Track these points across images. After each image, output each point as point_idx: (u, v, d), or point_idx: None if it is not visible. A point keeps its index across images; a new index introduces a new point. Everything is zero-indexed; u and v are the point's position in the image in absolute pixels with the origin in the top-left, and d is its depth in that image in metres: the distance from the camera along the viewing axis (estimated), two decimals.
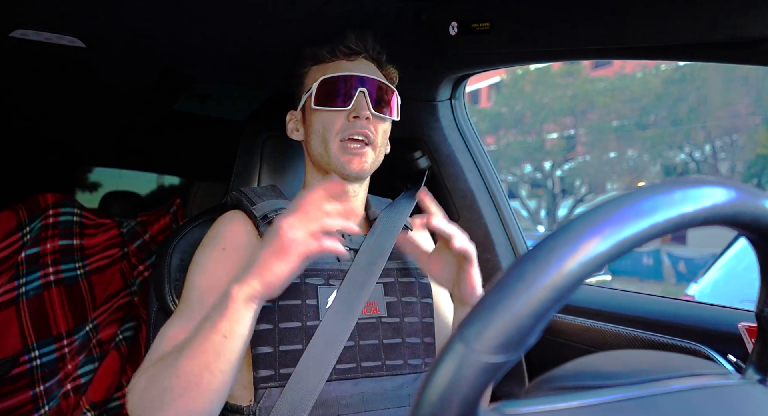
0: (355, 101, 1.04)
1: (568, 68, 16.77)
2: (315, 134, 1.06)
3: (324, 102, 1.05)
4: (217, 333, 0.80)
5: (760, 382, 0.52)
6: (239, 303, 0.81)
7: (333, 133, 1.04)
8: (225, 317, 0.81)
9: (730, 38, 0.81)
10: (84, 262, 1.79)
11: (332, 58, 1.08)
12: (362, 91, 1.04)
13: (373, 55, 1.10)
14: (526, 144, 18.05)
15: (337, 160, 1.03)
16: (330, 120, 1.04)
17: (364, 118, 1.03)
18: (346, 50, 1.07)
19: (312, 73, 1.10)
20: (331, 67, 1.07)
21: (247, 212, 1.04)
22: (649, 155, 16.06)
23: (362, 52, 1.08)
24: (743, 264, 3.14)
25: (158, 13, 1.20)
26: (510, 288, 0.37)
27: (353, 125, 1.03)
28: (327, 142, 1.04)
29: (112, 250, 1.84)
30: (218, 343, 0.80)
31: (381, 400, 0.98)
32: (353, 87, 1.04)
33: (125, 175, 3.25)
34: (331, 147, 1.04)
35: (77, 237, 1.78)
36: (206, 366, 0.80)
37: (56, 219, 1.76)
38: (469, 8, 1.16)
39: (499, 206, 1.38)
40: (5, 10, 1.20)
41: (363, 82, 1.05)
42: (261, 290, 0.81)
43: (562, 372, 0.47)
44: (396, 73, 1.14)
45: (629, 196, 0.40)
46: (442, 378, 0.36)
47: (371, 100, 1.05)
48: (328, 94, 1.05)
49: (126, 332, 1.78)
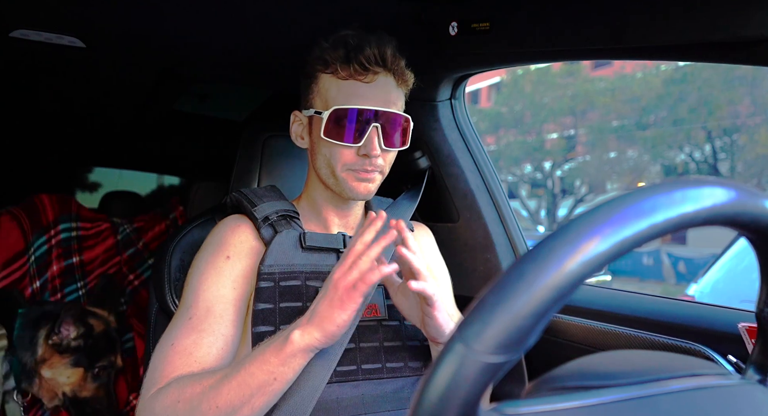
0: (366, 139, 0.97)
1: (568, 68, 16.76)
2: (322, 158, 1.01)
3: (334, 135, 0.97)
4: (269, 375, 0.82)
5: (760, 382, 0.52)
6: (298, 350, 0.82)
7: (340, 165, 0.99)
8: (281, 361, 0.82)
9: (730, 38, 0.81)
10: (85, 280, 1.80)
11: (345, 75, 0.98)
12: (375, 126, 0.97)
13: (392, 68, 0.99)
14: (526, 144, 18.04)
15: (345, 185, 1.00)
16: (338, 152, 0.98)
17: (374, 157, 0.98)
18: (361, 69, 0.97)
19: (322, 83, 1.00)
20: (345, 89, 0.98)
21: (247, 214, 1.04)
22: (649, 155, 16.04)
23: (380, 68, 0.98)
24: (743, 264, 3.14)
25: (158, 13, 1.20)
26: (510, 288, 0.37)
27: (362, 161, 0.98)
28: (334, 169, 1.00)
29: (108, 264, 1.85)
30: (266, 383, 0.82)
31: (381, 402, 0.97)
32: (365, 122, 0.97)
33: (125, 175, 3.25)
34: (338, 174, 0.99)
35: (77, 254, 1.79)
36: (247, 401, 0.82)
37: (57, 238, 1.78)
38: (469, 8, 1.16)
39: (499, 206, 1.38)
40: (5, 10, 1.20)
41: (377, 116, 0.97)
42: (322, 340, 0.83)
43: (562, 373, 0.47)
44: (412, 77, 1.04)
45: (629, 196, 0.40)
46: (442, 378, 0.36)
47: (384, 134, 0.98)
48: (338, 126, 0.97)
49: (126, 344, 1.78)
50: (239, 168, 1.32)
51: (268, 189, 1.11)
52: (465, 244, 1.39)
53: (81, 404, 1.50)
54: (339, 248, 1.03)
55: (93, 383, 1.51)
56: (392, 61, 0.99)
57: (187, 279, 1.00)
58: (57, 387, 1.49)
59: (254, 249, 1.00)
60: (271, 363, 0.82)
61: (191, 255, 1.05)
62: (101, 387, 1.52)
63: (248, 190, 1.09)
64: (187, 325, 0.92)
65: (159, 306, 1.17)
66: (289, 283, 0.98)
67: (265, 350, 0.84)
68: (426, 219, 1.36)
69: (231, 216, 1.07)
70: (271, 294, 0.96)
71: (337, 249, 1.03)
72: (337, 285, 0.82)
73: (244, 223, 1.03)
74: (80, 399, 1.50)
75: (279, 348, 0.83)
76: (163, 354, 0.91)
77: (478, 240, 1.37)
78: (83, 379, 1.50)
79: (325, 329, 0.82)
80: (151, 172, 3.44)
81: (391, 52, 0.98)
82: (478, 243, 1.37)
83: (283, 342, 0.83)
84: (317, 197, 1.07)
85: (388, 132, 0.99)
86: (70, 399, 1.49)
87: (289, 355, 0.82)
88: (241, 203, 1.05)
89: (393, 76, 1.00)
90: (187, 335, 0.91)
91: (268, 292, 0.96)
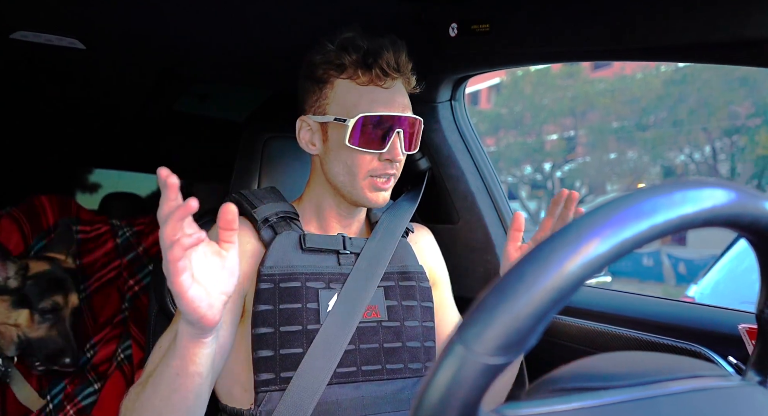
0: (390, 144, 0.99)
1: (568, 69, 16.77)
2: (341, 165, 1.01)
3: (361, 142, 0.97)
4: (171, 369, 0.78)
5: (760, 384, 0.52)
6: (183, 339, 0.76)
7: (364, 172, 1.00)
8: (177, 354, 0.77)
9: (730, 39, 0.81)
10: (85, 284, 1.79)
11: (366, 81, 0.98)
12: (398, 132, 0.99)
13: (404, 73, 1.01)
14: (526, 145, 18.05)
15: (363, 195, 1.01)
16: (361, 159, 0.99)
17: (397, 162, 1.01)
18: (383, 76, 0.98)
19: (339, 89, 0.99)
20: (366, 96, 0.98)
21: (247, 215, 1.04)
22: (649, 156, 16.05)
23: (398, 74, 1.00)
24: (743, 265, 3.14)
25: (158, 13, 1.20)
26: (510, 289, 0.37)
27: (384, 166, 1.00)
28: (354, 177, 1.00)
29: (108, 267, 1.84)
30: (172, 379, 0.78)
31: (381, 404, 0.97)
32: (390, 128, 0.98)
33: (125, 176, 3.25)
34: (357, 183, 1.00)
35: (76, 258, 1.79)
36: (166, 399, 0.79)
37: None
38: (469, 9, 1.16)
39: (499, 207, 1.38)
40: (5, 12, 1.20)
41: (400, 122, 0.99)
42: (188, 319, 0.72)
43: (562, 374, 0.47)
44: (415, 80, 1.05)
45: (629, 198, 0.39)
46: (442, 380, 0.36)
47: (405, 140, 1.00)
48: (364, 133, 0.97)
49: (126, 351, 1.78)
50: (239, 169, 1.32)
51: (268, 190, 1.11)
52: (465, 246, 1.39)
53: (36, 345, 1.51)
54: (339, 249, 1.03)
55: (43, 323, 1.51)
56: (406, 66, 1.01)
57: None
58: (9, 332, 1.50)
59: (254, 251, 1.00)
60: (169, 358, 0.79)
61: None
62: (53, 327, 1.52)
63: (248, 191, 1.09)
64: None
65: (159, 308, 1.17)
66: (289, 285, 0.97)
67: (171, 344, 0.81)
68: (426, 220, 1.36)
69: None
70: (270, 296, 0.96)
71: (336, 251, 1.03)
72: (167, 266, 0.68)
73: (244, 225, 1.03)
74: (33, 340, 1.51)
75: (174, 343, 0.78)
76: (155, 355, 0.90)
77: (478, 242, 1.37)
78: (31, 320, 1.51)
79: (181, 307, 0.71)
80: (151, 173, 3.44)
81: (405, 57, 1.00)
82: (478, 245, 1.37)
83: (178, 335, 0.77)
84: (322, 201, 1.06)
85: (408, 136, 1.02)
86: (23, 341, 1.50)
87: (181, 347, 0.77)
88: (241, 204, 1.05)
89: (404, 81, 1.03)
90: None
91: (268, 294, 0.96)
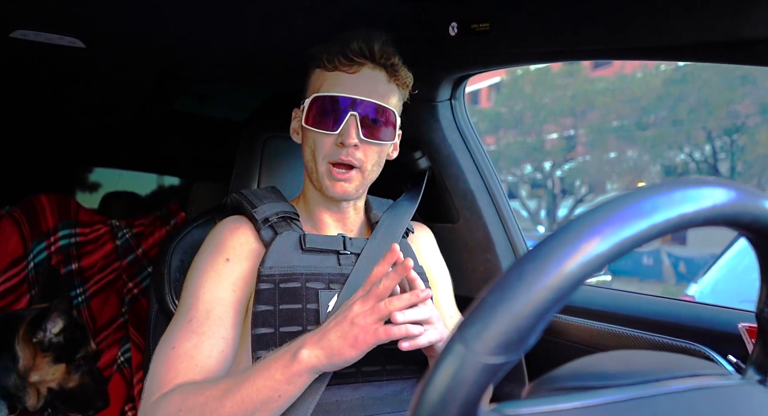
0: (343, 126, 0.97)
1: (568, 68, 16.75)
2: (308, 148, 1.03)
3: (314, 122, 0.99)
4: (274, 391, 0.82)
5: (760, 383, 0.52)
6: (305, 370, 0.82)
7: (321, 155, 1.00)
8: (287, 379, 0.82)
9: (730, 38, 0.81)
10: (84, 287, 1.79)
11: (331, 67, 0.99)
12: (353, 114, 0.97)
13: (381, 62, 1.00)
14: (526, 144, 18.03)
15: (323, 182, 1.01)
16: (319, 141, 1.00)
17: (351, 146, 0.98)
18: (346, 61, 0.98)
19: (313, 79, 1.03)
20: (329, 80, 0.99)
21: (247, 215, 1.04)
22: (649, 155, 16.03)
23: (366, 60, 0.99)
24: (743, 264, 3.14)
25: (158, 13, 1.20)
26: (510, 288, 0.37)
27: (340, 151, 0.98)
28: (316, 161, 1.01)
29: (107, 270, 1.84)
30: (270, 399, 0.82)
31: (381, 405, 0.97)
32: (343, 110, 0.97)
33: (125, 176, 3.25)
34: (319, 168, 1.00)
35: (75, 261, 1.78)
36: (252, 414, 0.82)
37: (57, 245, 1.77)
38: (469, 8, 1.16)
39: (499, 206, 1.38)
40: (5, 10, 1.20)
41: (354, 104, 0.97)
42: (328, 367, 0.84)
43: (562, 373, 0.47)
44: (410, 77, 1.05)
45: (629, 197, 0.40)
46: (441, 379, 0.36)
47: (363, 125, 0.98)
48: (318, 114, 0.99)
49: (126, 354, 1.77)
50: (239, 168, 1.32)
51: (268, 190, 1.11)
52: (465, 245, 1.39)
53: (69, 395, 1.49)
54: (339, 250, 1.03)
55: (76, 373, 1.50)
56: (381, 55, 0.99)
57: (187, 281, 1.00)
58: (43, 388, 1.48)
59: (254, 251, 1.00)
60: (276, 380, 0.82)
61: (191, 256, 1.05)
62: (85, 375, 1.51)
63: (248, 190, 1.09)
64: (187, 328, 0.92)
65: (159, 308, 1.17)
66: (289, 285, 0.97)
67: (270, 365, 0.83)
68: (426, 219, 1.36)
69: (230, 217, 1.07)
70: (270, 296, 0.96)
71: (337, 251, 1.03)
72: (354, 321, 0.82)
73: (244, 225, 1.03)
74: (68, 391, 1.49)
75: (285, 366, 0.82)
76: (164, 357, 0.90)
77: (478, 241, 1.37)
78: (67, 373, 1.49)
79: (332, 360, 0.82)
80: (151, 173, 3.44)
81: (379, 46, 0.99)
82: (478, 244, 1.37)
83: (290, 360, 0.82)
84: (310, 198, 1.07)
85: (369, 123, 0.99)
86: (57, 393, 1.48)
87: (296, 374, 0.82)
88: (242, 204, 1.05)
89: (384, 71, 1.01)
90: (188, 338, 0.91)
91: (268, 294, 0.96)
